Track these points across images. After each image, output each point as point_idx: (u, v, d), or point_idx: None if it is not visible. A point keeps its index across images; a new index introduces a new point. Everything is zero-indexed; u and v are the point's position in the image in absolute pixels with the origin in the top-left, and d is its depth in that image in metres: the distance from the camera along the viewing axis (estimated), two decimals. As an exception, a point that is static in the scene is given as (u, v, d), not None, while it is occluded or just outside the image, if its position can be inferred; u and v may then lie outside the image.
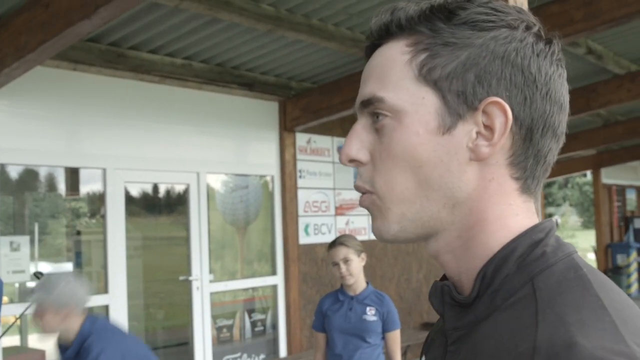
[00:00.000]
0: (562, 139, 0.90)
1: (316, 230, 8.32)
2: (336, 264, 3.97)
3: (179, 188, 7.19)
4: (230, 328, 7.53)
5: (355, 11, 5.84)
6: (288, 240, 7.94)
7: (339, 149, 8.80)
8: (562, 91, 0.88)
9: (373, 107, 0.89)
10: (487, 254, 0.85)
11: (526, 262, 0.82)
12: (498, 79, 0.83)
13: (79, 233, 6.75)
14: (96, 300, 6.29)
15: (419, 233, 0.90)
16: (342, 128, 8.83)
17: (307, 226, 8.20)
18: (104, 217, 6.39)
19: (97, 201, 6.55)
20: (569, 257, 0.82)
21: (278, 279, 7.93)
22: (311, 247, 8.25)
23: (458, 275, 0.89)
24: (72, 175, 6.50)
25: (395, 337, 3.96)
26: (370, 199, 0.91)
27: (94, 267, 6.73)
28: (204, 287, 7.14)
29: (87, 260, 6.76)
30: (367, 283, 4.08)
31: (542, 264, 0.81)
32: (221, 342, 7.39)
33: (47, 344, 6.52)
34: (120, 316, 6.27)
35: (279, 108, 8.02)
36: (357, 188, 0.93)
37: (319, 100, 7.67)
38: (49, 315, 3.35)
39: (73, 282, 3.44)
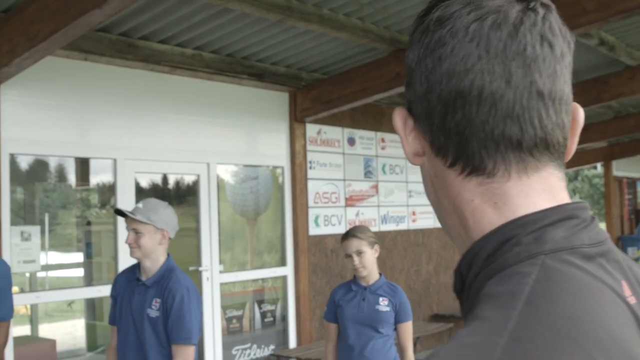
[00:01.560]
0: (489, 99, 0.76)
1: (326, 221, 8.31)
2: (349, 256, 3.96)
3: (189, 179, 7.19)
4: (240, 319, 7.54)
5: (366, 1, 5.81)
6: (298, 231, 7.94)
7: (349, 140, 8.78)
8: (447, 54, 0.79)
9: None
10: (460, 246, 0.84)
11: (489, 263, 0.75)
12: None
13: (89, 223, 6.77)
14: (106, 291, 6.30)
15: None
16: (353, 119, 8.81)
17: (317, 217, 8.19)
18: (113, 207, 6.40)
19: (107, 192, 6.56)
20: (532, 259, 0.72)
21: (288, 270, 7.93)
22: (321, 238, 8.24)
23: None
24: (82, 165, 6.50)
25: (408, 328, 3.96)
26: None
27: (104, 258, 6.74)
28: (214, 278, 7.14)
29: (97, 250, 6.78)
30: (380, 274, 4.07)
31: (500, 266, 0.73)
32: (231, 332, 7.40)
33: (57, 333, 6.56)
34: (130, 306, 6.28)
35: (289, 99, 8.00)
36: None
37: (330, 91, 7.65)
38: (148, 234, 3.55)
39: (170, 208, 3.68)
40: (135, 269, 3.73)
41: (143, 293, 3.60)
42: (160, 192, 7.03)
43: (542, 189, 0.78)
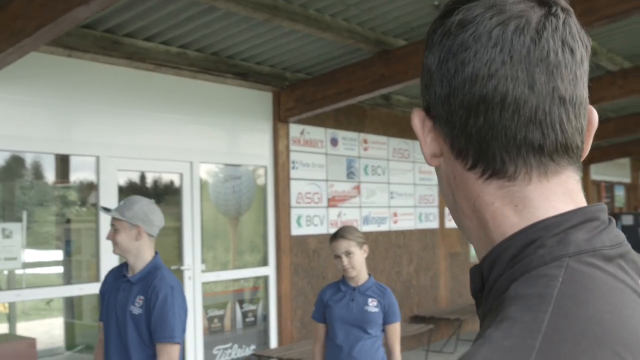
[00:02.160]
0: (513, 104, 0.77)
1: (308, 221, 8.31)
2: (338, 257, 3.95)
3: (172, 177, 7.15)
4: (221, 318, 7.52)
5: (352, 2, 5.82)
6: (280, 231, 7.93)
7: (332, 141, 8.79)
8: (470, 58, 0.79)
9: None
10: (478, 247, 0.85)
11: (513, 264, 0.76)
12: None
13: (69, 221, 6.70)
14: (88, 289, 6.26)
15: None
16: (336, 120, 8.82)
17: (299, 217, 8.19)
18: (96, 205, 6.35)
19: (89, 189, 6.51)
20: (558, 261, 0.73)
21: (270, 270, 7.92)
22: (303, 239, 8.24)
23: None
24: (63, 162, 6.45)
25: (396, 330, 3.96)
26: None
27: (84, 256, 6.69)
28: (196, 277, 7.12)
29: (77, 248, 6.72)
30: (369, 275, 4.08)
31: (525, 268, 0.74)
32: (212, 332, 7.38)
33: (34, 331, 6.49)
34: (111, 305, 6.24)
35: (273, 98, 7.99)
36: None
37: (314, 92, 7.65)
38: (124, 230, 3.57)
39: (149, 205, 3.67)
40: (124, 266, 3.73)
41: (127, 290, 3.60)
42: (143, 190, 6.98)
43: (561, 192, 0.79)
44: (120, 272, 3.73)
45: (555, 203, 0.78)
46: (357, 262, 3.95)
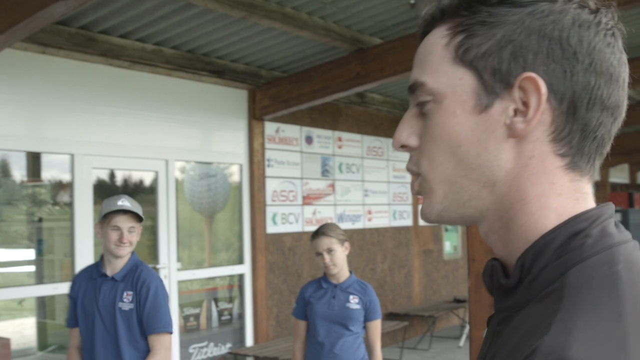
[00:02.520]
0: (620, 112, 0.86)
1: (283, 219, 8.31)
2: (320, 254, 3.96)
3: (148, 175, 7.10)
4: (197, 317, 7.49)
5: (329, 0, 5.83)
6: (256, 229, 7.92)
7: (307, 139, 8.80)
8: (612, 61, 0.84)
9: (418, 92, 0.90)
10: (527, 236, 0.84)
11: (563, 254, 0.79)
12: (534, 53, 0.82)
13: (40, 220, 6.63)
14: (62, 288, 6.20)
15: (462, 213, 0.90)
16: (311, 118, 8.83)
17: (274, 215, 8.19)
18: (71, 204, 6.29)
19: (61, 187, 6.44)
20: (609, 250, 0.78)
21: (245, 268, 7.90)
22: (278, 237, 8.24)
23: (505, 256, 0.89)
24: (34, 160, 6.36)
25: (377, 326, 3.98)
26: (418, 181, 0.92)
27: (57, 255, 6.62)
28: (172, 276, 7.08)
29: (49, 247, 6.64)
30: (351, 272, 4.09)
31: (577, 257, 0.78)
32: (188, 330, 7.35)
33: (5, 332, 6.41)
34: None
35: (248, 96, 7.97)
36: (407, 169, 0.95)
37: (289, 90, 7.65)
38: (138, 230, 3.70)
39: (106, 200, 3.70)
40: (97, 266, 3.71)
41: (111, 288, 3.60)
42: (118, 188, 6.92)
43: (591, 189, 0.88)
44: (92, 273, 3.71)
45: (592, 198, 0.87)
46: (339, 259, 3.96)
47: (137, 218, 3.64)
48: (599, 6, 0.85)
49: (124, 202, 3.61)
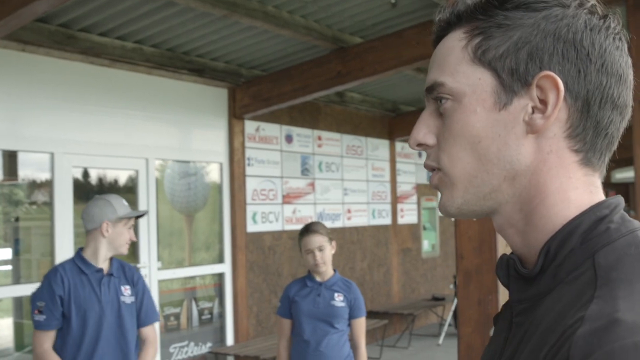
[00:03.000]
0: (627, 111, 0.92)
1: (264, 218, 8.31)
2: (310, 252, 3.96)
3: (128, 174, 7.06)
4: (177, 316, 7.46)
5: (310, -1, 5.84)
6: (236, 228, 7.91)
7: (287, 138, 8.80)
8: (621, 63, 0.89)
9: (436, 92, 0.95)
10: (548, 227, 0.89)
11: (589, 238, 0.84)
12: (550, 54, 0.87)
13: (17, 220, 6.56)
14: (42, 288, 6.14)
15: (482, 206, 0.94)
16: (291, 116, 8.83)
17: (254, 214, 8.18)
18: (50, 203, 6.24)
19: (38, 186, 6.37)
20: (633, 233, 0.84)
21: (225, 267, 7.89)
22: (259, 235, 8.24)
23: (522, 248, 0.93)
24: (11, 159, 6.29)
25: (361, 324, 4.01)
26: (438, 175, 0.96)
27: (34, 255, 6.56)
28: (152, 275, 7.05)
29: (26, 247, 6.58)
30: (335, 270, 4.11)
31: (604, 240, 0.83)
32: (168, 330, 7.32)
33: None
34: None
35: (229, 95, 7.96)
36: (426, 166, 0.99)
37: (269, 88, 7.65)
38: None
39: (116, 199, 3.84)
40: (83, 262, 3.69)
41: (109, 283, 3.71)
42: (97, 188, 6.88)
43: (600, 184, 0.94)
44: (78, 270, 3.69)
45: (602, 192, 0.93)
46: (328, 257, 3.99)
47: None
48: (607, 12, 0.90)
49: (124, 203, 3.83)
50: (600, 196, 0.91)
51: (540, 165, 0.89)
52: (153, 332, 3.78)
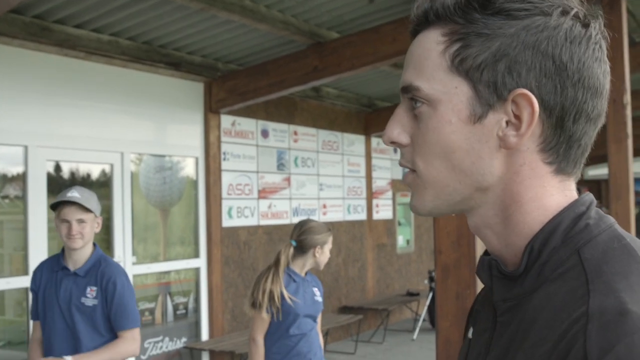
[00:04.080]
0: (600, 120, 0.93)
1: (239, 213, 8.29)
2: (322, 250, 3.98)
3: (103, 168, 7.00)
4: (152, 311, 7.43)
5: (288, -7, 5.83)
6: (211, 222, 7.88)
7: (263, 132, 8.79)
8: (598, 75, 0.89)
9: (411, 94, 0.94)
10: (526, 231, 0.90)
11: (571, 235, 0.87)
12: (528, 69, 0.86)
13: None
14: (15, 283, 6.09)
15: (453, 209, 0.96)
16: (267, 111, 8.82)
17: (230, 209, 8.16)
18: (24, 197, 6.17)
19: (12, 180, 6.29)
20: (611, 228, 0.87)
21: (201, 262, 7.86)
22: (234, 230, 8.22)
23: (499, 250, 0.94)
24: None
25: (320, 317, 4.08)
26: (412, 176, 0.96)
27: (6, 249, 6.48)
28: (127, 269, 6.97)
29: (-1, 241, 6.51)
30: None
31: (587, 236, 0.86)
32: (143, 325, 7.26)
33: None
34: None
35: (205, 89, 7.92)
36: (400, 165, 0.99)
37: (245, 83, 7.63)
38: (90, 222, 3.52)
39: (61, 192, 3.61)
40: (59, 259, 3.65)
41: (73, 282, 3.54)
42: (72, 181, 6.81)
43: (574, 187, 0.96)
44: (53, 266, 3.64)
45: (576, 194, 0.95)
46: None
47: (87, 209, 3.50)
48: (589, 20, 0.90)
49: (73, 193, 3.49)
50: (575, 196, 0.93)
51: (514, 177, 0.90)
52: (130, 337, 3.50)
